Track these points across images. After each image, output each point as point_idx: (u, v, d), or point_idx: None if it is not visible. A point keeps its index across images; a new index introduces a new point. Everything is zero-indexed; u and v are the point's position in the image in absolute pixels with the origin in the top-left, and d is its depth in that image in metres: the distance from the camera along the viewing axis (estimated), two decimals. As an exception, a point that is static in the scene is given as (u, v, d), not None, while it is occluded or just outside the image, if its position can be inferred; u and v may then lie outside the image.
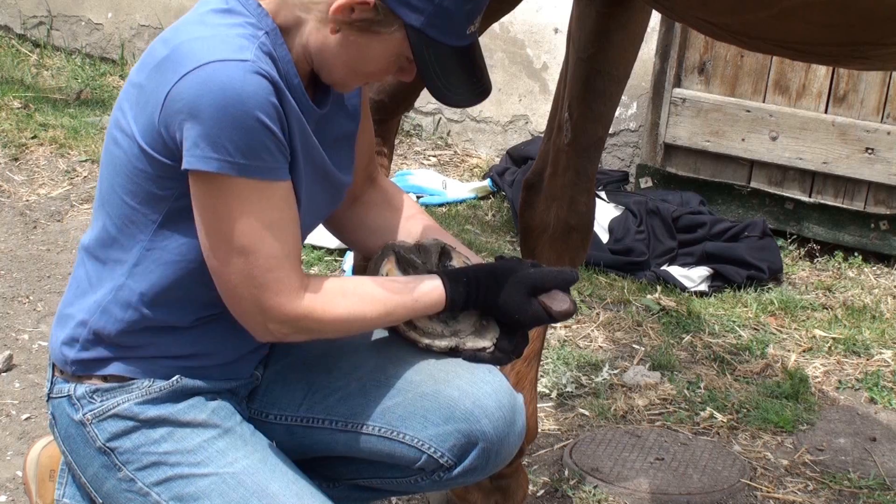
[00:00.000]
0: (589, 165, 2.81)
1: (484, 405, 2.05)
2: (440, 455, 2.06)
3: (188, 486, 2.01)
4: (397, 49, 1.96)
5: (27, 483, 2.30)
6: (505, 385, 2.10)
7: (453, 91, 1.99)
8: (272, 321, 1.95)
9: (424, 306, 2.06)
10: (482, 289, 2.07)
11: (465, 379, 2.07)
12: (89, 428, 2.04)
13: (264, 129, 1.87)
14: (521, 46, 5.70)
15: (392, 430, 2.08)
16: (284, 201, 1.94)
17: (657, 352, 3.94)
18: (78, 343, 2.05)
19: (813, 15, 2.12)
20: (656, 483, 3.20)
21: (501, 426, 2.07)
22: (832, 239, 4.95)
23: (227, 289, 1.95)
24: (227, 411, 2.08)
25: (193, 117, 1.86)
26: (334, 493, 2.21)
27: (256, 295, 1.93)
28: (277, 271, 1.92)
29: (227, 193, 1.89)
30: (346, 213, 2.26)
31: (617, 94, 2.81)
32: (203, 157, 1.86)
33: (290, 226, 1.96)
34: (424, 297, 2.05)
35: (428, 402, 2.06)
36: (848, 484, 3.28)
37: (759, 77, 5.02)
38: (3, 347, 3.64)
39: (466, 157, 5.81)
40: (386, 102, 2.96)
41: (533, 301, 2.09)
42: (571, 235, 2.82)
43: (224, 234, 1.91)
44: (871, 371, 3.92)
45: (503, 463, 2.13)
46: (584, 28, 2.70)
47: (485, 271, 2.10)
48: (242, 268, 1.92)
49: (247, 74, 1.87)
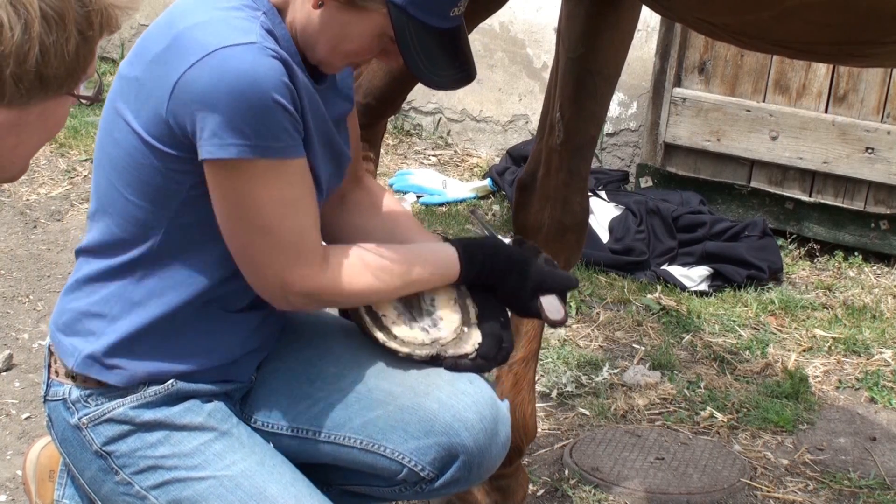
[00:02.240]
0: (582, 165, 2.80)
1: (464, 417, 2.03)
2: (421, 468, 2.05)
3: (186, 489, 2.00)
4: (380, 27, 1.94)
5: (27, 483, 2.30)
6: (487, 395, 2.08)
7: (435, 73, 1.98)
8: (293, 294, 1.97)
9: (441, 278, 2.11)
10: (495, 272, 2.12)
11: (446, 391, 2.05)
12: (85, 432, 2.03)
13: (281, 110, 1.87)
14: (521, 46, 5.70)
15: (373, 444, 2.07)
16: (301, 177, 1.95)
17: (657, 351, 3.94)
18: (93, 335, 2.03)
19: (813, 15, 2.13)
20: (656, 483, 3.20)
21: (482, 438, 2.04)
22: (832, 238, 4.95)
23: (251, 267, 1.96)
24: (223, 414, 2.06)
25: (209, 107, 1.85)
26: (329, 496, 2.21)
27: (279, 270, 1.94)
28: (300, 245, 1.94)
29: (247, 176, 1.89)
30: (333, 213, 2.24)
31: (608, 93, 2.81)
32: (222, 146, 1.86)
33: (309, 200, 1.97)
34: (441, 270, 2.10)
35: (408, 414, 2.04)
36: (848, 483, 3.28)
37: (759, 77, 5.02)
38: (3, 347, 3.64)
39: (466, 157, 5.81)
40: (373, 105, 2.96)
41: (534, 299, 2.12)
42: (566, 235, 2.82)
43: (246, 216, 1.91)
44: (871, 371, 3.92)
45: (487, 474, 2.12)
46: (574, 27, 2.70)
47: (502, 255, 2.14)
48: (265, 246, 1.93)
49: (257, 57, 1.86)
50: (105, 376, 2.02)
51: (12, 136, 1.43)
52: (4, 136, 1.42)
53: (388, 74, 2.94)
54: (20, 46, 1.32)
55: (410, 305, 2.11)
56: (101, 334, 2.03)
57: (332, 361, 2.15)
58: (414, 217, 2.32)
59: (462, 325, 2.11)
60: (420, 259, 2.08)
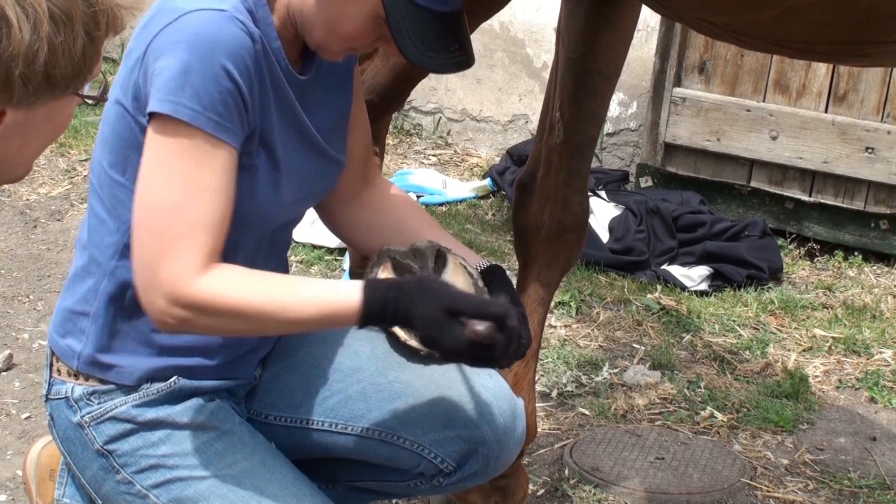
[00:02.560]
0: (581, 164, 2.80)
1: (484, 411, 2.04)
2: (440, 460, 2.05)
3: (187, 488, 1.99)
4: (374, 8, 1.91)
5: (27, 482, 2.30)
6: (506, 390, 2.10)
7: (427, 56, 1.93)
8: (160, 296, 1.80)
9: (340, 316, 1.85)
10: (403, 297, 1.84)
11: (466, 384, 2.06)
12: (87, 430, 2.02)
13: (228, 81, 1.82)
14: (521, 46, 5.70)
15: (392, 434, 2.07)
16: (225, 172, 1.84)
17: (657, 351, 3.94)
18: (83, 334, 2.02)
19: (815, 14, 2.13)
20: (656, 482, 3.20)
21: (501, 432, 2.06)
22: (832, 238, 4.95)
23: (136, 248, 1.84)
24: (225, 413, 2.06)
25: (164, 64, 1.81)
26: (333, 494, 2.20)
27: (156, 261, 1.79)
28: (188, 239, 1.79)
29: (173, 139, 1.81)
30: (345, 211, 2.24)
31: (608, 92, 2.80)
32: (160, 100, 1.80)
33: (222, 200, 1.83)
34: (340, 305, 1.84)
35: (429, 406, 2.04)
36: (848, 483, 3.28)
37: (759, 76, 5.02)
38: (3, 346, 3.64)
39: (466, 157, 5.81)
40: (376, 102, 2.95)
41: (452, 321, 1.84)
42: (566, 235, 2.82)
43: (156, 184, 1.82)
44: (871, 370, 3.92)
45: (503, 468, 2.12)
46: (574, 27, 2.70)
47: (410, 281, 1.91)
48: (158, 225, 1.80)
49: (223, 22, 1.83)
50: (106, 375, 2.02)
51: (18, 137, 1.43)
52: (11, 137, 1.42)
53: (391, 71, 2.94)
54: (29, 47, 1.32)
55: None
56: (89, 333, 2.02)
57: (350, 356, 2.15)
58: (428, 215, 2.31)
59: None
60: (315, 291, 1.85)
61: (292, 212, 2.08)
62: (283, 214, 2.05)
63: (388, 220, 2.24)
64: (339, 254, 4.46)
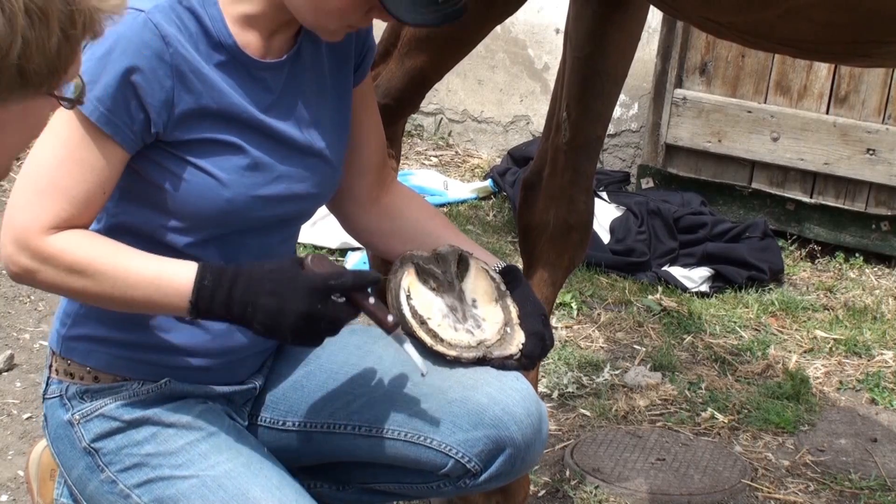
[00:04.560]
0: (588, 164, 2.81)
1: (513, 412, 2.04)
2: (468, 460, 2.05)
3: (169, 488, 1.98)
4: None
5: (29, 482, 2.30)
6: (532, 393, 2.09)
7: (419, 12, 1.88)
8: (13, 242, 1.86)
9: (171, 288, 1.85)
10: (242, 276, 1.85)
11: (494, 386, 2.06)
12: (76, 428, 2.02)
13: (125, 82, 1.84)
14: (522, 47, 5.70)
15: (419, 435, 2.06)
16: (103, 160, 1.87)
17: (658, 352, 3.94)
18: (69, 318, 2.03)
19: (819, 14, 2.13)
20: (657, 483, 3.20)
21: (529, 433, 2.05)
22: (833, 240, 4.95)
23: (13, 190, 1.90)
24: (214, 415, 2.04)
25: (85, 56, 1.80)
26: (343, 495, 2.19)
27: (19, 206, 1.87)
28: (50, 200, 1.86)
29: (73, 117, 1.85)
30: (363, 217, 2.24)
31: (615, 93, 2.81)
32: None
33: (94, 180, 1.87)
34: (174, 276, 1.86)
35: (456, 407, 2.04)
36: (849, 485, 3.28)
37: (760, 78, 5.02)
38: (5, 347, 3.64)
39: (468, 158, 5.81)
40: (392, 106, 2.95)
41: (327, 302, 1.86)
42: (571, 234, 2.82)
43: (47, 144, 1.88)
44: (872, 372, 3.92)
45: (527, 470, 2.13)
46: (581, 28, 2.70)
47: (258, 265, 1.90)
48: (32, 177, 1.88)
49: (134, 24, 1.83)
50: (85, 360, 2.01)
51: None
52: None
53: (405, 75, 2.93)
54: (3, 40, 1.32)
55: (454, 308, 2.11)
56: (74, 315, 2.03)
57: (373, 361, 2.13)
58: (445, 218, 2.30)
59: (505, 325, 2.11)
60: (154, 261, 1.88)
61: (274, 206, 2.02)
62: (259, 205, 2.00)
63: (407, 224, 2.23)
64: (341, 254, 4.46)
